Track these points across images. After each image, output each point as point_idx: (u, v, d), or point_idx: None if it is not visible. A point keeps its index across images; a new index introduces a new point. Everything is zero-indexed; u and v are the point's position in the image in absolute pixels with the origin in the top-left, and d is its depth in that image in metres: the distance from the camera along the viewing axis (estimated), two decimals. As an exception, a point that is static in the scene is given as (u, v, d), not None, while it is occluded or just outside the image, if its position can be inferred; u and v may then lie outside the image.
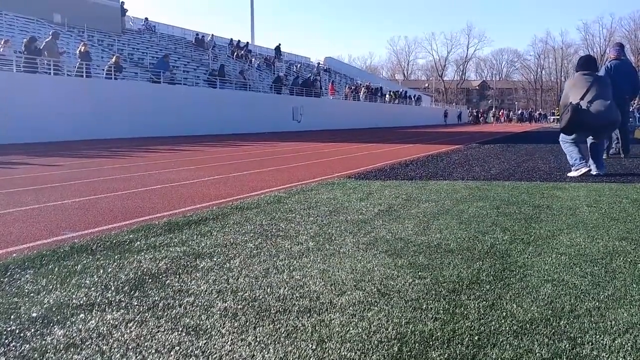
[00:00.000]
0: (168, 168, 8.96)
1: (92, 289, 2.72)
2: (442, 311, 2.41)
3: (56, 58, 18.48)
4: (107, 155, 12.05)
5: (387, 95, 51.40)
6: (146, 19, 36.48)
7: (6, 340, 2.10)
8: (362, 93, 44.86)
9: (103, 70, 20.92)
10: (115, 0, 31.04)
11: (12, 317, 2.35)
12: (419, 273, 2.96)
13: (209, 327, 2.24)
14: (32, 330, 2.21)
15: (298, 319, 2.32)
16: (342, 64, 63.71)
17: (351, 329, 2.21)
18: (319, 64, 53.57)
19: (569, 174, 7.50)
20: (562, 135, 7.76)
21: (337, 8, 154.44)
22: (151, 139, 18.42)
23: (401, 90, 59.76)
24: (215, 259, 3.28)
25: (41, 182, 6.98)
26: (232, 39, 42.52)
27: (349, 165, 9.60)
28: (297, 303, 2.52)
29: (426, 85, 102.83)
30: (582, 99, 7.23)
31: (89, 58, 19.90)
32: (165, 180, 7.19)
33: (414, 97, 60.17)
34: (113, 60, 20.84)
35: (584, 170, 7.33)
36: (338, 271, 3.01)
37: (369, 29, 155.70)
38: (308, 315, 2.37)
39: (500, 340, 2.11)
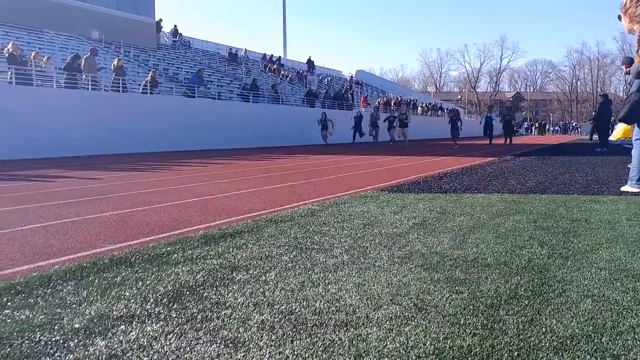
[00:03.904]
0: (203, 181, 9.08)
1: (132, 300, 2.77)
2: (480, 326, 2.39)
3: (94, 74, 18.92)
4: (143, 168, 12.27)
5: (420, 108, 51.19)
6: (175, 27, 36.98)
7: (51, 350, 2.16)
8: (392, 104, 44.76)
9: (139, 85, 21.34)
10: (150, 17, 31.73)
11: (55, 327, 2.41)
12: (456, 288, 2.94)
13: (246, 339, 2.26)
14: (75, 341, 2.26)
15: (335, 332, 2.33)
16: (373, 77, 63.78)
17: (388, 343, 2.21)
18: (351, 77, 53.73)
19: (622, 188, 7.18)
20: (636, 132, 6.93)
21: (368, 21, 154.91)
22: (185, 153, 18.69)
23: (434, 102, 59.46)
24: (251, 272, 3.31)
25: (80, 195, 7.13)
26: (265, 53, 43.00)
27: (381, 178, 9.58)
28: (333, 317, 2.52)
29: (459, 97, 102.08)
30: None
31: (123, 72, 20.32)
32: (201, 193, 7.28)
33: (446, 109, 59.75)
34: (150, 76, 21.24)
35: (636, 190, 6.82)
36: (374, 285, 3.00)
37: (400, 41, 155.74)
38: (345, 329, 2.37)
39: (540, 356, 2.08)
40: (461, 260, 3.55)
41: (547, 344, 2.19)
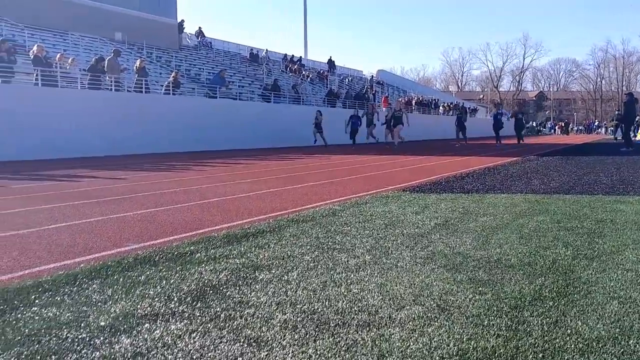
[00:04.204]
0: (225, 181, 9.13)
1: (156, 299, 2.80)
2: (504, 327, 2.37)
3: (117, 75, 19.13)
4: (165, 168, 12.38)
5: (441, 107, 50.91)
6: (200, 28, 37.26)
7: (77, 347, 2.19)
8: (414, 104, 44.59)
9: (162, 86, 21.53)
10: (172, 18, 31.97)
11: (82, 325, 2.45)
12: (479, 288, 2.92)
13: (269, 338, 2.27)
14: (101, 338, 2.29)
15: (357, 332, 2.33)
16: (394, 77, 63.52)
17: (412, 344, 2.20)
18: (372, 76, 53.60)
19: None
20: None
21: (389, 21, 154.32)
22: (207, 153, 18.80)
23: (456, 101, 59.06)
24: (273, 271, 3.33)
25: (104, 195, 7.22)
26: (286, 54, 43.08)
27: (403, 178, 9.55)
28: (356, 317, 2.52)
29: (481, 96, 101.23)
30: None
31: (145, 73, 20.49)
32: (223, 193, 7.33)
33: (469, 108, 59.33)
34: (172, 76, 21.42)
35: None
36: (396, 285, 3.00)
37: (422, 40, 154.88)
38: (367, 329, 2.37)
39: (566, 358, 2.06)
40: (484, 261, 3.53)
41: (573, 346, 2.17)
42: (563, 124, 70.83)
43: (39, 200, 6.70)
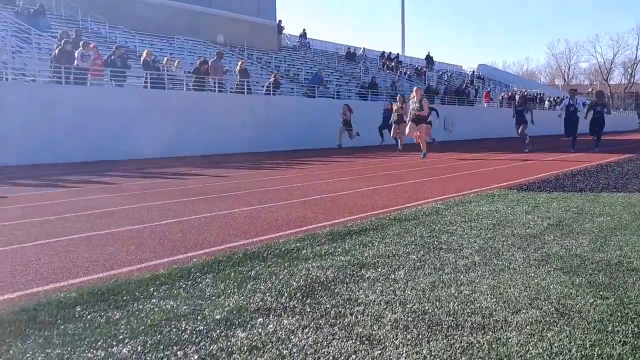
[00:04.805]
0: (325, 179, 9.21)
1: (267, 294, 2.86)
2: (630, 334, 2.22)
3: (220, 76, 19.79)
4: (266, 166, 12.67)
5: (547, 102, 48.73)
6: (304, 30, 38.06)
7: (196, 339, 2.28)
8: (517, 99, 42.94)
9: (262, 86, 22.07)
10: (272, 19, 32.70)
11: (198, 317, 2.54)
12: (600, 293, 2.76)
13: (382, 337, 2.26)
14: (218, 331, 2.37)
15: (472, 335, 2.26)
16: (496, 71, 61.55)
17: (531, 348, 2.11)
18: (472, 71, 52.24)
19: None
20: None
21: (490, 13, 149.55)
22: (306, 151, 19.05)
23: (563, 96, 56.40)
24: (379, 270, 3.31)
25: (210, 192, 7.49)
26: (383, 51, 42.86)
27: (508, 175, 9.21)
28: (468, 319, 2.45)
29: (590, 90, 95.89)
30: None
31: (247, 75, 21.07)
32: (324, 191, 7.39)
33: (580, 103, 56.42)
34: (272, 77, 21.90)
35: None
36: (510, 288, 2.89)
37: (525, 33, 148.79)
38: (482, 332, 2.29)
39: None
40: (604, 263, 3.33)
41: None
42: None
43: (150, 197, 7.05)
